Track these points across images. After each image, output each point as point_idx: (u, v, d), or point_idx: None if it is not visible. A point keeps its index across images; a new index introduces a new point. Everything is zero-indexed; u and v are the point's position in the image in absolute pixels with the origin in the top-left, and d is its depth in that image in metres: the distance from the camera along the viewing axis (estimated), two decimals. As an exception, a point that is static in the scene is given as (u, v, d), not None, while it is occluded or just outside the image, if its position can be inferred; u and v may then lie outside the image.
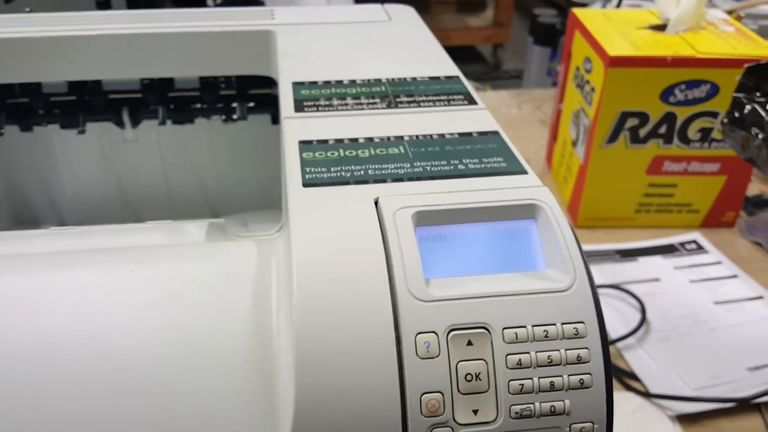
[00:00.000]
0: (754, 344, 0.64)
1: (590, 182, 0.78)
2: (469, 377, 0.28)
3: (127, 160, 0.60)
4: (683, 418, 0.56)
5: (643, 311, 0.67)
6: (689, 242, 0.78)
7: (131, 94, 0.57)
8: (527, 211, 0.32)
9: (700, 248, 0.77)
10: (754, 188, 0.85)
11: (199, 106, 0.58)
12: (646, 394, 0.58)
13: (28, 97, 0.55)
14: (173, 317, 0.30)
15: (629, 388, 0.59)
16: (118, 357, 0.29)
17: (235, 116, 0.57)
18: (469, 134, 0.38)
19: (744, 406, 0.57)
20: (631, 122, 0.74)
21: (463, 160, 0.35)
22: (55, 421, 0.29)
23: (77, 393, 0.29)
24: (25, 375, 0.29)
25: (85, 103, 0.56)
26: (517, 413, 0.28)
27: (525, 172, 0.34)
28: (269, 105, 0.58)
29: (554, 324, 0.29)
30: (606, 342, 0.29)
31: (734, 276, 0.73)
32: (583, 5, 1.26)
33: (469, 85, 0.44)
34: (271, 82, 0.56)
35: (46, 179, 0.60)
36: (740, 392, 0.58)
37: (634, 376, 0.60)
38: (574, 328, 0.29)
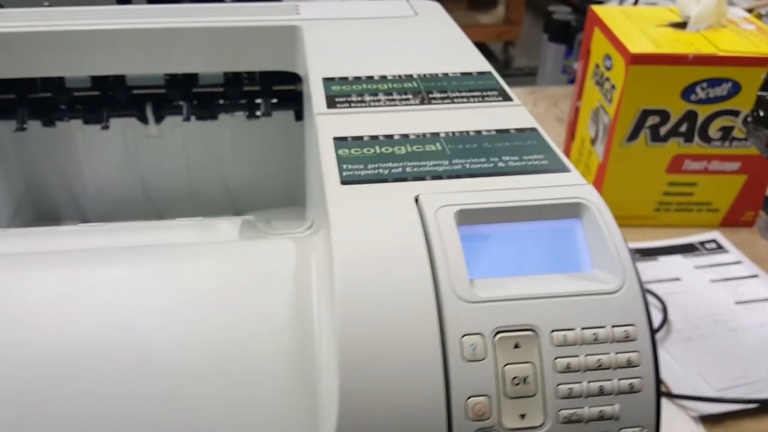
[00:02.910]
0: (775, 345, 0.63)
1: (609, 181, 0.77)
2: (516, 381, 0.28)
3: (150, 156, 0.59)
4: (706, 419, 0.56)
5: (665, 311, 0.66)
6: (709, 241, 0.77)
7: (155, 90, 0.56)
8: (572, 210, 0.31)
9: (719, 248, 0.77)
10: (773, 188, 0.84)
11: (222, 102, 0.57)
12: (669, 395, 0.57)
13: (51, 92, 0.55)
14: (212, 316, 0.30)
15: (653, 389, 0.58)
16: (156, 357, 0.29)
17: (258, 112, 0.57)
18: (507, 131, 0.38)
19: (767, 407, 0.57)
20: (652, 120, 0.74)
21: (503, 158, 0.35)
22: (92, 423, 0.28)
23: (113, 394, 0.28)
24: (61, 375, 0.28)
25: (109, 98, 0.56)
26: (565, 418, 0.28)
27: (568, 170, 0.34)
28: (293, 101, 0.57)
29: (604, 326, 0.28)
30: (655, 345, 0.28)
31: (755, 276, 0.72)
32: (600, 2, 1.26)
33: (502, 81, 0.44)
34: (294, 79, 0.56)
35: (68, 175, 0.60)
36: (763, 393, 0.57)
37: (657, 377, 0.60)
38: (625, 330, 0.28)
